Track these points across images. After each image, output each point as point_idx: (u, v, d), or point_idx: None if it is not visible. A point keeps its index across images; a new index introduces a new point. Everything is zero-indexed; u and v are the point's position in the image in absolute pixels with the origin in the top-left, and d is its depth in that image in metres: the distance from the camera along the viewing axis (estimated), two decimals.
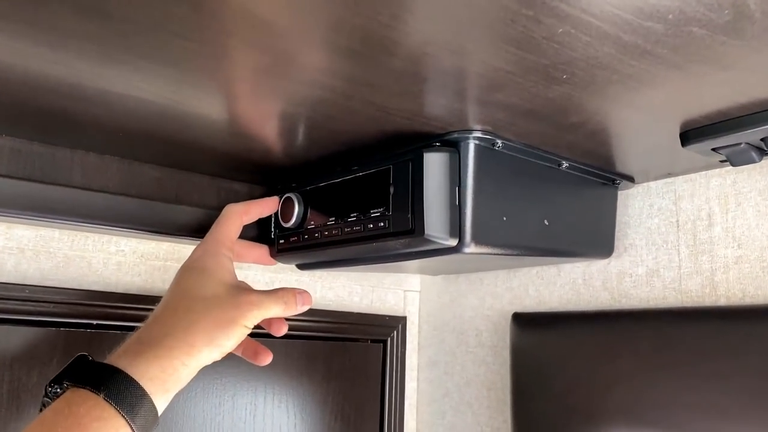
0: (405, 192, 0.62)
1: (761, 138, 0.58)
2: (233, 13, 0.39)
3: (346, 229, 0.68)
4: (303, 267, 0.84)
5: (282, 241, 0.78)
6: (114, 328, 0.78)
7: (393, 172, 0.64)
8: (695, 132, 0.59)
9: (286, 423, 0.91)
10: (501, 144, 0.62)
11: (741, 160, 0.61)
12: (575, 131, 0.61)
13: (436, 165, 0.61)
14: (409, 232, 0.61)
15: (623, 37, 0.42)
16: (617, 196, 0.80)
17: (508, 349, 0.90)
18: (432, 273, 1.06)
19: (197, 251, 0.66)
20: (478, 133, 0.61)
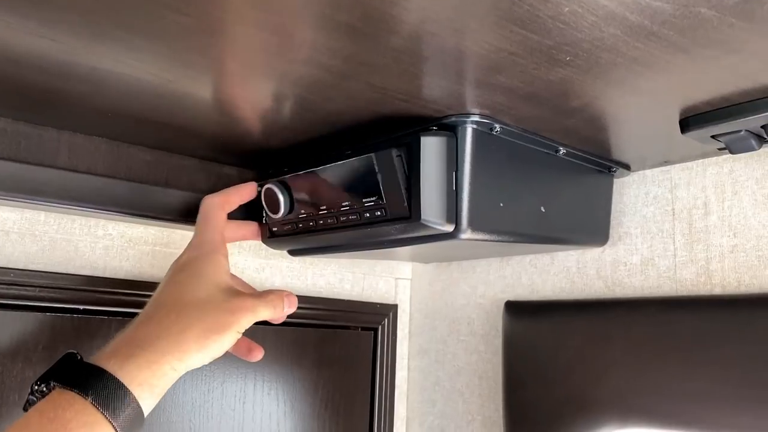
0: (401, 176, 0.61)
1: (762, 125, 0.57)
2: None
3: (341, 216, 0.66)
4: (295, 253, 0.83)
5: (274, 228, 0.76)
6: (101, 313, 0.76)
7: (389, 156, 0.63)
8: (695, 118, 0.58)
9: (275, 410, 0.90)
10: (499, 129, 0.62)
11: (740, 147, 0.61)
12: (574, 116, 0.60)
13: (433, 149, 0.60)
14: (405, 217, 0.60)
15: (629, 17, 0.41)
16: (613, 183, 0.80)
17: (500, 338, 0.89)
18: (424, 260, 1.06)
19: (190, 252, 0.64)
20: (476, 117, 0.60)
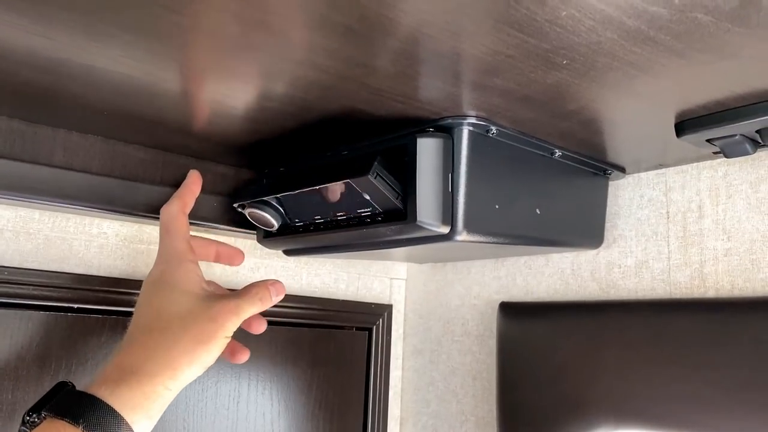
0: (397, 177, 0.61)
1: (757, 129, 0.57)
2: None
3: (336, 215, 0.66)
4: (290, 253, 0.83)
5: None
6: (95, 312, 0.76)
7: (385, 156, 0.63)
8: (691, 122, 0.59)
9: (269, 410, 0.90)
10: (495, 131, 0.62)
11: (735, 151, 0.61)
12: (570, 119, 0.60)
13: (429, 151, 0.60)
14: (401, 218, 0.60)
15: (627, 22, 0.41)
16: (608, 186, 0.80)
17: (494, 339, 0.90)
18: (419, 261, 1.06)
19: (159, 265, 0.64)
20: (472, 119, 0.60)
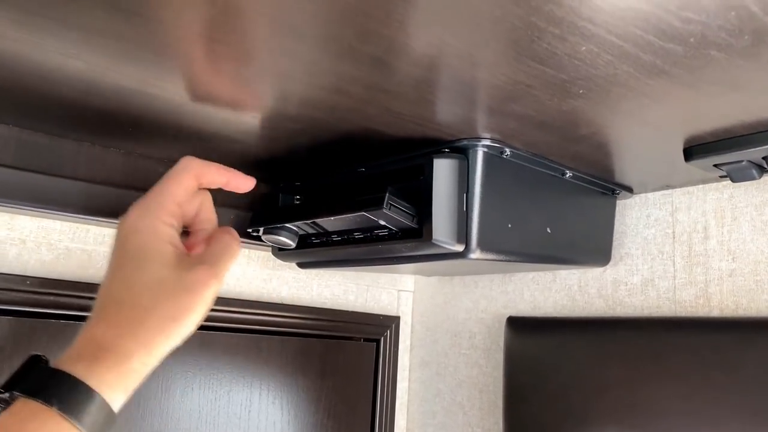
0: (412, 197, 0.63)
1: (763, 156, 0.59)
2: (265, 20, 0.40)
3: (354, 234, 0.68)
4: (303, 266, 0.84)
5: None
6: None
7: (401, 176, 0.65)
8: (699, 148, 0.60)
9: (279, 419, 0.92)
10: (509, 152, 0.63)
11: (742, 176, 0.63)
12: (582, 143, 0.62)
13: (445, 171, 0.62)
14: (417, 235, 0.62)
15: (643, 57, 0.43)
16: (616, 205, 0.82)
17: (501, 352, 0.91)
18: (427, 274, 1.07)
19: (133, 212, 0.54)
20: (487, 141, 0.62)
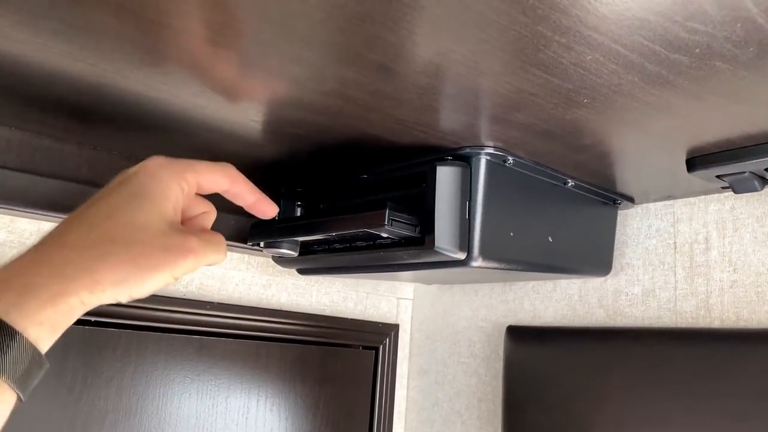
0: (414, 204, 0.63)
1: (765, 168, 0.59)
2: (273, 26, 0.40)
3: (356, 242, 0.68)
4: (304, 272, 0.84)
5: None
6: (111, 325, 0.78)
7: (404, 182, 0.65)
8: (702, 159, 0.61)
9: (277, 426, 0.91)
10: (512, 161, 0.63)
11: (744, 188, 0.63)
12: (585, 152, 0.62)
13: (448, 178, 0.62)
14: (419, 243, 0.62)
15: (648, 67, 0.43)
16: (617, 215, 0.82)
17: (500, 361, 0.91)
18: (426, 282, 1.07)
19: (157, 161, 0.49)
20: (490, 149, 0.62)
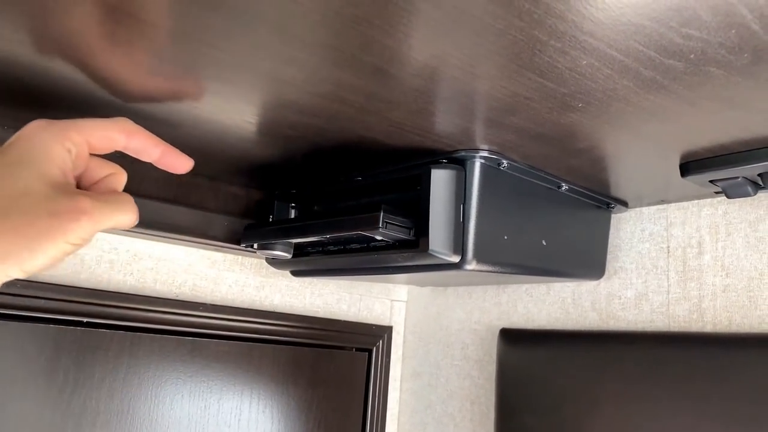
0: (409, 206, 0.63)
1: (759, 173, 0.60)
2: (269, 28, 0.39)
3: (350, 245, 0.68)
4: (297, 274, 0.84)
5: None
6: (104, 326, 0.77)
7: (398, 185, 0.65)
8: (696, 164, 0.61)
9: (270, 428, 0.91)
10: (506, 164, 0.64)
11: (737, 193, 0.63)
12: (580, 156, 0.62)
13: (442, 181, 0.62)
14: (413, 246, 0.62)
15: (643, 72, 0.43)
16: (610, 219, 0.82)
17: (493, 364, 0.91)
18: (420, 284, 1.07)
19: (36, 123, 0.45)
20: (485, 153, 0.62)
